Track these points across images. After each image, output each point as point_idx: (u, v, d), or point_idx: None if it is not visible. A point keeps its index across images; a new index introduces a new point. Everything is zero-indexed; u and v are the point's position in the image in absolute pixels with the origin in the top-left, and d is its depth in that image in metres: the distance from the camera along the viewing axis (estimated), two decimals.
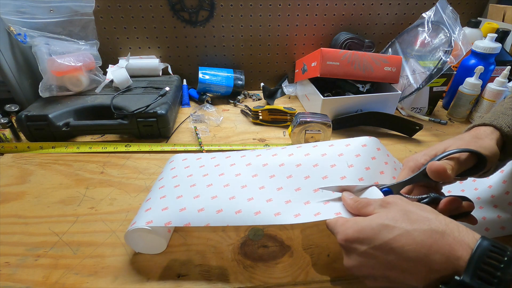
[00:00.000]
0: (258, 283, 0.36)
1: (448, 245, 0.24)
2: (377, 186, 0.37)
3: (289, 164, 0.42)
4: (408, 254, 0.25)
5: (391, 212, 0.28)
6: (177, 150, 0.60)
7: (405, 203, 0.29)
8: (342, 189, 0.37)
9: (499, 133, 0.36)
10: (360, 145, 0.42)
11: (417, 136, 0.66)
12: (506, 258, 0.22)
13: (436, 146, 0.37)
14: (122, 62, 0.76)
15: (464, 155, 0.34)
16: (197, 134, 0.65)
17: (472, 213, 0.39)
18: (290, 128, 0.60)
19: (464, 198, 0.36)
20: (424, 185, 0.37)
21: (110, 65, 0.75)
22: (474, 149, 0.33)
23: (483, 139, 0.35)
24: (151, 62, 0.79)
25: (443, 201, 0.34)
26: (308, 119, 0.56)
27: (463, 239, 0.24)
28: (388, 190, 0.36)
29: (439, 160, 0.34)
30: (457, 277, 0.23)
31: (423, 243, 0.24)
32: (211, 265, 0.38)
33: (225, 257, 0.39)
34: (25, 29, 0.62)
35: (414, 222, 0.26)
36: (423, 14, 0.73)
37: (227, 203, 0.37)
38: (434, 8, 0.71)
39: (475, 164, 0.35)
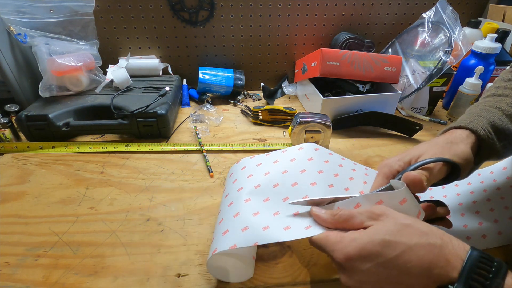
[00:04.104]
0: (258, 283, 0.36)
1: (445, 259, 0.25)
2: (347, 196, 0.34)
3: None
4: (412, 269, 0.25)
5: (387, 225, 0.28)
6: (177, 150, 0.60)
7: (396, 215, 0.28)
8: (313, 203, 0.35)
9: (475, 137, 0.36)
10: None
11: (417, 136, 0.66)
12: (494, 269, 0.24)
13: (411, 151, 0.36)
14: (122, 62, 0.76)
15: (438, 165, 0.33)
16: (197, 134, 0.65)
17: (467, 217, 0.41)
18: (290, 128, 0.60)
19: (439, 203, 0.37)
20: None
21: (110, 65, 0.75)
22: (448, 157, 0.33)
23: (458, 144, 0.35)
24: (151, 62, 0.79)
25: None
26: (308, 119, 0.56)
27: (456, 251, 0.25)
28: None
29: (414, 169, 0.33)
30: (450, 286, 0.24)
31: (424, 258, 0.25)
32: None
33: None
34: (25, 29, 0.62)
35: (412, 237, 0.26)
36: (423, 14, 0.73)
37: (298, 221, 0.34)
38: (434, 8, 0.71)
39: (449, 173, 0.34)
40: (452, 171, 0.34)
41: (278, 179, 0.39)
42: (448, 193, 0.47)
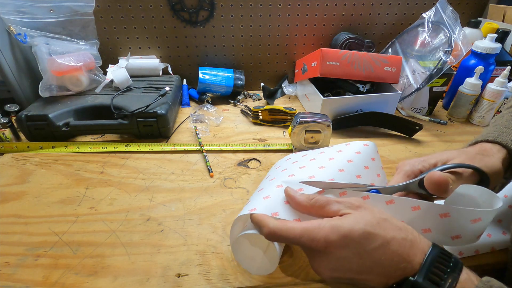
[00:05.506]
0: (258, 283, 0.36)
1: (413, 253, 0.26)
2: (365, 187, 0.34)
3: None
4: (384, 262, 0.26)
5: (366, 216, 0.28)
6: (177, 150, 0.60)
7: (373, 209, 0.29)
8: (329, 186, 0.33)
9: (506, 151, 0.35)
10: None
11: (417, 136, 0.66)
12: (451, 264, 0.26)
13: (437, 155, 0.36)
14: (122, 62, 0.76)
15: (467, 171, 0.32)
16: (197, 134, 0.65)
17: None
18: (290, 128, 0.60)
19: None
20: (416, 193, 0.35)
21: (110, 65, 0.75)
22: (479, 167, 0.32)
23: (490, 157, 0.34)
24: (151, 62, 0.79)
25: None
26: (308, 119, 0.56)
27: (421, 246, 0.27)
28: (376, 192, 0.33)
29: (440, 171, 0.32)
30: (411, 278, 0.25)
31: (397, 252, 0.26)
32: (211, 265, 0.38)
33: (225, 257, 0.39)
34: (25, 29, 0.62)
35: (389, 231, 0.27)
36: (423, 14, 0.73)
37: None
38: (434, 8, 0.71)
39: (477, 183, 0.33)
40: (481, 181, 0.33)
41: (324, 164, 0.40)
42: None
